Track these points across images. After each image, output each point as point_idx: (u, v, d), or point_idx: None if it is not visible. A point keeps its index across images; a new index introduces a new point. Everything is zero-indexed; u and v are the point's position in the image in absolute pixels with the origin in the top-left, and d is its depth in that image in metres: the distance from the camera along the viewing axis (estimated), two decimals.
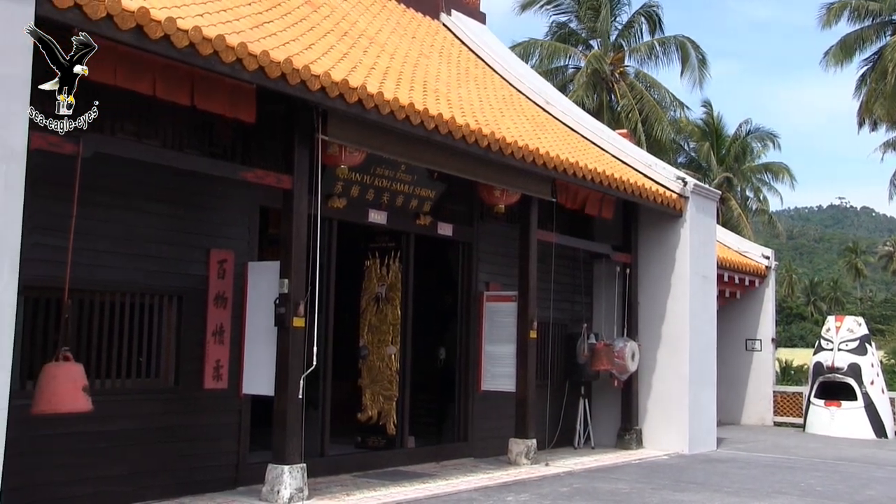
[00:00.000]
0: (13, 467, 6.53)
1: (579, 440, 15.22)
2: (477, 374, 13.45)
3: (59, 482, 8.18)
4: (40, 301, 8.17)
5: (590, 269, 16.31)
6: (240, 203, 10.07)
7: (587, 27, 35.17)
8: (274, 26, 10.12)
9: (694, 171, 38.10)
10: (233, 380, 9.83)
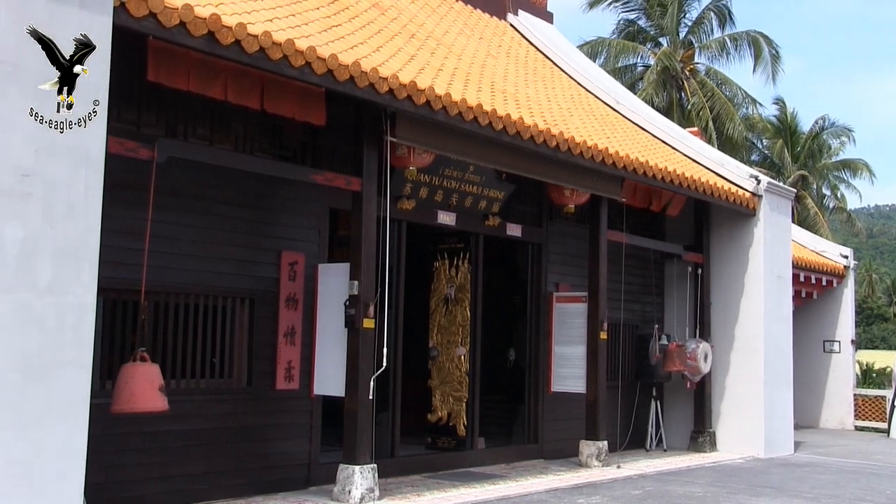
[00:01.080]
0: (95, 464, 6.69)
1: (651, 442, 15.04)
2: (547, 375, 13.38)
3: (137, 479, 8.36)
4: (118, 303, 8.36)
5: (660, 269, 16.11)
6: (310, 205, 10.18)
7: (656, 24, 34.79)
8: (342, 29, 10.21)
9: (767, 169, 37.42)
10: (304, 380, 9.94)
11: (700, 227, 15.50)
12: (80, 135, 6.34)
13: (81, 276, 6.34)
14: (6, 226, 5.94)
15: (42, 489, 6.04)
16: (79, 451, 6.28)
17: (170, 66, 7.65)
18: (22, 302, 6.01)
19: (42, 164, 6.13)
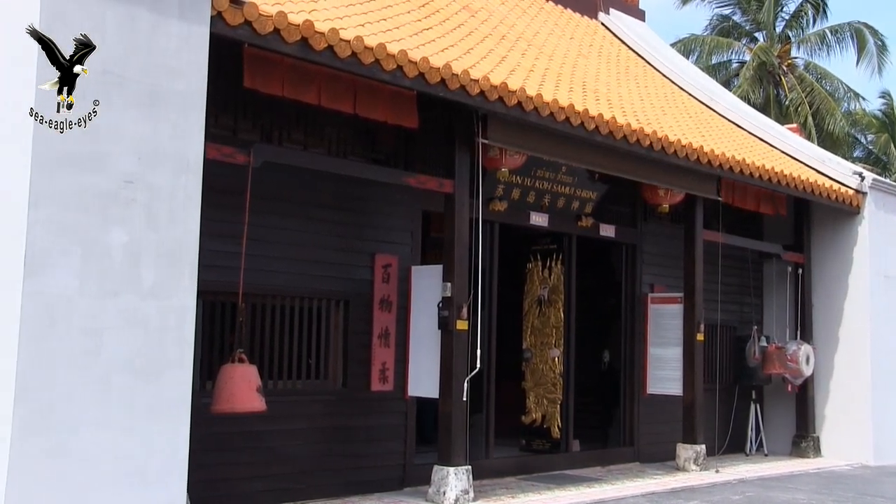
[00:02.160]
0: (197, 462, 6.86)
1: (751, 447, 14.69)
2: (642, 377, 13.20)
3: (236, 478, 8.54)
4: (216, 305, 8.56)
5: (759, 269, 15.72)
6: (402, 208, 10.25)
7: (752, 19, 33.99)
8: (433, 33, 10.27)
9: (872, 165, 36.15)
10: (398, 382, 10.01)
11: (800, 226, 15.08)
12: (180, 141, 6.52)
13: (182, 279, 6.52)
14: (112, 231, 6.14)
15: (149, 485, 6.23)
16: (182, 449, 6.46)
17: (265, 73, 7.81)
18: (127, 304, 6.21)
19: (145, 170, 6.32)
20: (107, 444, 6.05)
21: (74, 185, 5.98)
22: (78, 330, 5.97)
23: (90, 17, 6.08)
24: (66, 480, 5.87)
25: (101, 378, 6.05)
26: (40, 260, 5.82)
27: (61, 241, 5.92)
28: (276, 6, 7.53)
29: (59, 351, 5.87)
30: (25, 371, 5.73)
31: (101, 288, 6.09)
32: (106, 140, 6.13)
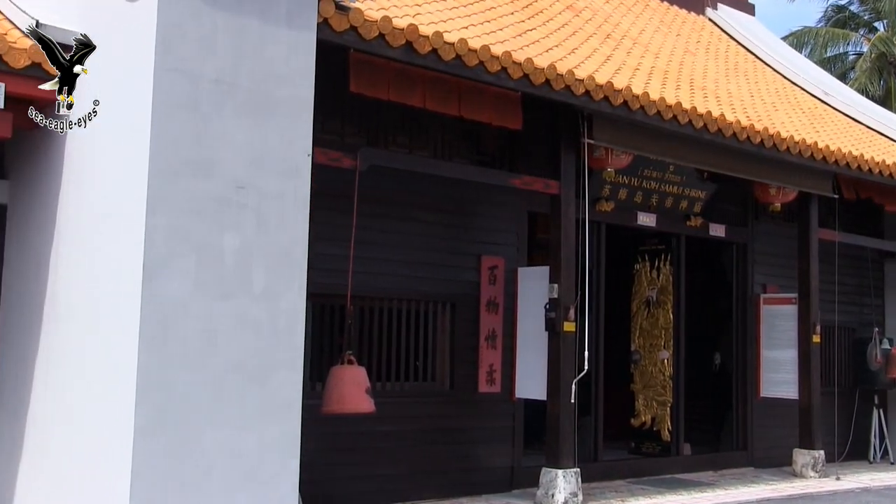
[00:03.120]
0: (308, 462, 6.97)
1: (875, 454, 14.11)
2: (755, 379, 12.84)
3: (346, 477, 8.66)
4: (325, 307, 8.70)
5: (879, 268, 15.12)
6: (508, 209, 10.23)
7: (870, 8, 32.75)
8: (536, 33, 10.23)
9: None
10: (506, 384, 9.99)
11: None
12: (289, 147, 6.64)
13: (292, 282, 6.63)
14: (225, 235, 6.30)
15: (262, 484, 6.36)
16: (293, 449, 6.57)
17: (371, 77, 7.90)
18: (239, 307, 6.35)
19: (255, 176, 6.46)
20: (221, 443, 6.20)
21: (189, 192, 6.15)
22: (193, 332, 6.14)
23: (203, 27, 6.25)
24: (185, 478, 6.04)
25: (216, 379, 6.21)
26: (158, 264, 6.00)
27: (177, 246, 6.09)
28: (380, 11, 7.62)
29: (175, 353, 6.05)
30: (145, 372, 5.92)
31: (215, 291, 6.24)
32: (218, 147, 6.29)
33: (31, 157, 7.52)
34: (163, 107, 6.05)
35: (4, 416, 7.41)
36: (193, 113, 6.16)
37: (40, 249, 7.19)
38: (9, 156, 7.79)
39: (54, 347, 6.90)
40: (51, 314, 6.98)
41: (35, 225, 7.32)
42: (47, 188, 7.21)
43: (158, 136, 6.02)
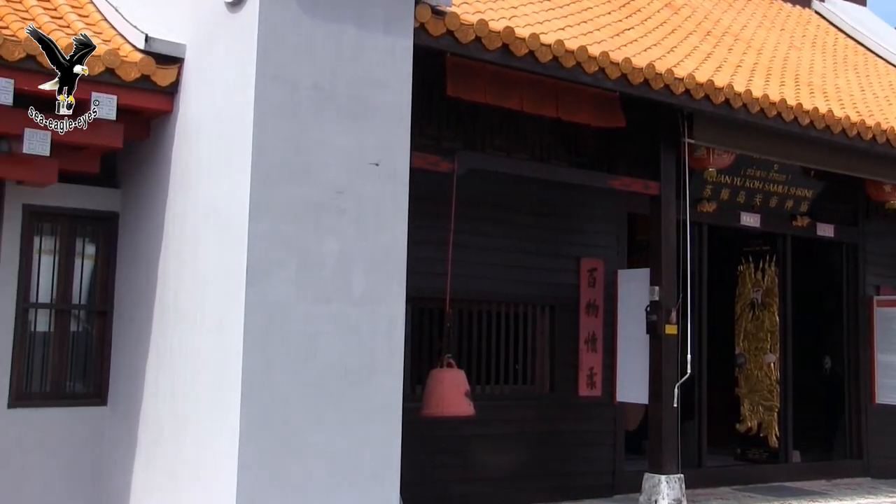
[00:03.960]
0: (408, 464, 7.03)
1: None
2: (870, 385, 12.35)
3: (446, 480, 8.69)
4: (424, 311, 8.76)
5: None
6: (607, 211, 10.13)
7: None
8: (634, 32, 10.10)
9: None
10: (606, 387, 9.89)
11: None
12: (387, 151, 6.71)
13: (391, 286, 6.69)
14: (324, 240, 6.40)
15: (363, 485, 6.43)
16: (394, 451, 6.63)
17: (467, 81, 7.93)
18: (339, 311, 6.44)
19: (354, 181, 6.54)
20: (323, 444, 6.29)
21: (289, 197, 6.27)
22: (294, 336, 6.25)
23: (302, 35, 6.37)
24: (288, 478, 6.16)
25: (317, 381, 6.31)
26: (260, 269, 6.14)
27: (279, 251, 6.22)
28: (476, 14, 7.64)
29: (278, 356, 6.17)
30: (249, 375, 6.06)
31: (316, 295, 6.35)
32: (317, 152, 6.39)
33: (140, 167, 7.79)
34: (264, 114, 6.18)
35: (119, 415, 7.69)
36: (293, 119, 6.29)
37: (150, 256, 7.44)
38: (120, 166, 8.09)
39: (163, 350, 7.12)
40: (160, 318, 7.22)
41: (145, 232, 7.58)
42: (156, 196, 7.46)
43: (260, 142, 6.16)
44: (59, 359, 7.75)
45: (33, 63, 6.59)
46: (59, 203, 7.71)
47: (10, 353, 7.45)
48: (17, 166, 7.04)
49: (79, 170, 7.47)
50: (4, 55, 6.49)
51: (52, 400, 7.65)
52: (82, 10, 7.84)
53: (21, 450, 7.41)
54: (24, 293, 7.56)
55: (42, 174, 7.15)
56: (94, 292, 7.95)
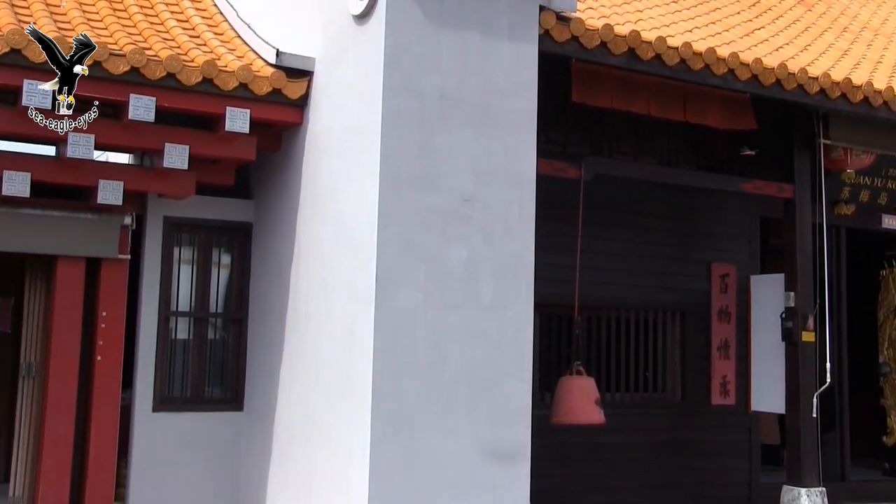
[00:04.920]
0: (537, 472, 7.00)
1: None
2: None
3: (576, 488, 8.61)
4: (553, 317, 8.71)
5: None
6: (738, 215, 9.88)
7: None
8: (765, 32, 9.81)
9: None
10: (740, 396, 9.62)
11: None
12: (513, 158, 6.71)
13: (519, 292, 6.68)
14: (452, 247, 6.44)
15: (492, 492, 6.43)
16: (523, 459, 6.60)
17: (593, 86, 7.86)
18: (468, 317, 6.47)
19: (480, 188, 6.57)
20: (452, 451, 6.32)
21: (417, 205, 6.34)
22: (423, 342, 6.31)
23: (427, 45, 6.44)
24: (418, 483, 6.21)
25: (445, 388, 6.35)
26: (389, 276, 6.22)
27: (407, 259, 6.29)
28: (601, 19, 7.57)
29: (407, 362, 6.24)
30: (379, 381, 6.15)
31: (444, 302, 6.39)
32: (444, 160, 6.45)
33: (272, 178, 8.02)
34: (391, 123, 6.28)
35: (255, 419, 7.92)
36: (420, 128, 6.36)
37: (282, 264, 7.65)
38: (253, 177, 8.35)
39: (295, 356, 7.30)
40: (292, 325, 7.40)
41: (277, 241, 7.80)
42: (287, 206, 7.66)
43: (387, 151, 6.25)
44: (197, 365, 8.04)
45: (173, 81, 6.89)
46: (196, 214, 8.01)
47: (154, 360, 7.78)
48: (158, 180, 7.37)
49: (214, 182, 7.75)
50: (147, 74, 6.79)
51: (193, 405, 7.94)
52: (217, 28, 8.15)
53: (165, 451, 7.72)
54: (165, 302, 7.89)
55: (181, 187, 7.45)
56: (230, 300, 8.23)
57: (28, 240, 7.25)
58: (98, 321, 7.47)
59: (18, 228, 7.18)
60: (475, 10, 6.62)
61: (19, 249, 7.39)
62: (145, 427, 7.70)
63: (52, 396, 7.29)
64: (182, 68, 6.92)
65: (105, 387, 7.44)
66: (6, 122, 6.70)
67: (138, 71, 6.78)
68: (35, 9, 7.21)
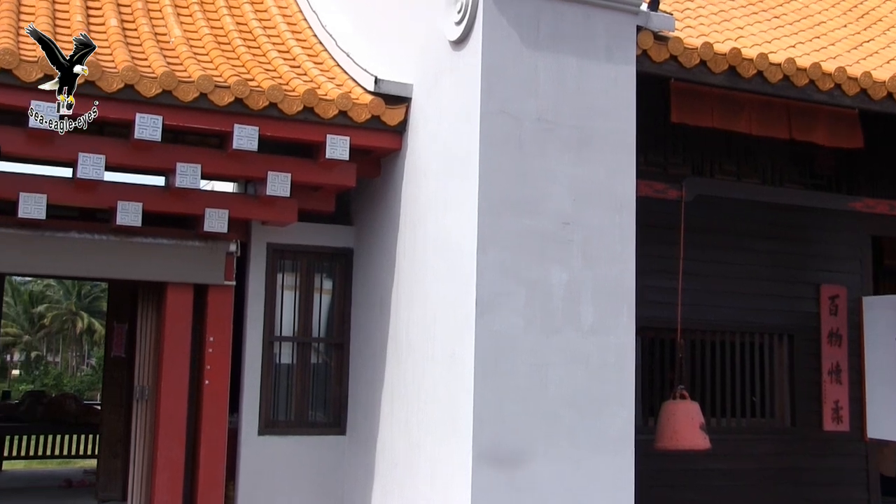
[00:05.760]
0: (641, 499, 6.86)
1: None
2: None
3: None
4: (655, 341, 8.57)
5: None
6: (848, 234, 9.57)
7: None
8: (875, 44, 9.50)
9: None
10: (855, 422, 9.29)
11: None
12: (612, 180, 6.65)
13: (620, 316, 6.60)
14: (552, 270, 6.40)
15: None
16: (627, 484, 6.49)
17: (692, 105, 7.73)
18: (568, 341, 6.41)
19: (579, 211, 6.52)
20: (554, 476, 6.26)
21: (516, 229, 6.33)
22: (524, 366, 6.27)
23: (524, 69, 6.45)
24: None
25: (547, 413, 6.29)
26: (489, 300, 6.22)
27: (507, 283, 6.28)
28: (700, 37, 7.46)
29: (508, 387, 6.21)
30: (480, 405, 6.13)
31: (544, 326, 6.36)
32: (542, 183, 6.43)
33: (372, 204, 8.12)
34: (489, 147, 6.30)
35: (358, 443, 8.00)
36: (517, 152, 6.36)
37: (382, 290, 7.73)
38: (353, 203, 8.47)
39: (397, 381, 7.35)
40: (393, 349, 7.46)
41: (377, 266, 7.89)
42: (387, 231, 7.75)
43: (486, 175, 6.27)
44: (301, 389, 8.17)
45: (275, 111, 7.06)
46: (298, 241, 8.17)
47: (259, 384, 7.94)
48: (262, 207, 7.54)
49: (316, 209, 7.89)
50: (250, 105, 6.98)
51: (297, 428, 8.07)
52: (317, 57, 8.32)
53: (271, 473, 7.86)
54: (269, 327, 8.05)
55: (284, 214, 7.61)
56: (332, 325, 8.35)
57: (140, 267, 7.51)
58: (205, 346, 7.68)
59: (131, 256, 7.44)
60: (571, 32, 6.61)
61: (132, 277, 7.67)
62: (252, 450, 7.85)
63: (163, 419, 7.51)
64: (284, 98, 7.09)
65: (213, 410, 7.63)
66: (120, 154, 6.95)
67: (242, 101, 6.97)
68: (147, 46, 7.49)
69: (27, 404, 13.25)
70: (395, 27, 7.99)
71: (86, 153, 6.78)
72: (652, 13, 6.99)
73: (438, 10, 6.97)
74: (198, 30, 8.26)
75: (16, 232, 7.16)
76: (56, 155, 6.89)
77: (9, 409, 13.41)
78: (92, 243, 7.36)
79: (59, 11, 7.83)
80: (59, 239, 7.30)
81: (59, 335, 44.33)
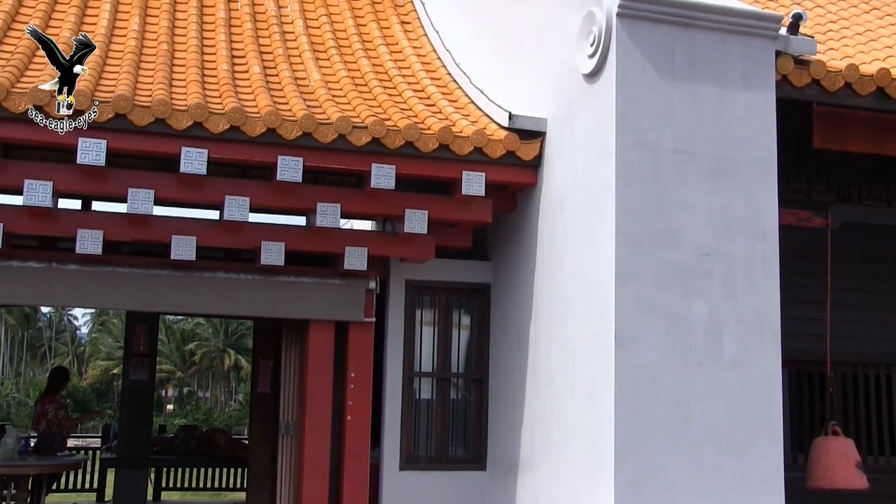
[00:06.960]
0: None
1: None
2: None
3: None
4: (803, 374, 8.25)
5: None
6: None
7: None
8: None
9: None
10: None
11: None
12: (754, 209, 6.49)
13: (764, 348, 6.41)
14: (693, 303, 6.28)
15: None
16: None
17: (836, 130, 7.46)
18: (710, 375, 6.26)
19: (720, 241, 6.39)
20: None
21: (654, 261, 6.24)
22: (665, 401, 6.15)
23: (659, 99, 6.38)
24: None
25: (691, 448, 6.14)
26: (628, 334, 6.14)
27: (646, 316, 6.19)
28: (844, 59, 7.22)
29: (649, 422, 6.10)
30: (622, 441, 6.04)
31: (685, 359, 6.22)
32: (680, 215, 6.33)
33: (508, 239, 8.15)
34: (626, 179, 6.25)
35: (498, 479, 7.98)
36: (655, 183, 6.29)
37: (520, 324, 7.72)
38: (490, 238, 8.52)
39: (536, 416, 7.31)
40: (532, 384, 7.43)
41: (515, 301, 7.89)
42: (524, 266, 7.75)
43: (623, 207, 6.22)
44: (441, 425, 8.22)
45: (412, 149, 7.20)
46: (436, 277, 8.26)
47: (400, 419, 8.03)
48: (400, 244, 7.67)
49: (453, 245, 7.97)
50: (387, 144, 7.13)
51: (437, 463, 8.11)
52: (451, 95, 8.45)
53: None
54: (408, 363, 8.15)
55: (421, 251, 7.71)
56: (471, 361, 8.38)
57: (283, 305, 7.73)
58: (347, 382, 7.82)
59: (275, 295, 7.67)
60: (708, 60, 6.52)
61: (276, 314, 7.91)
62: (393, 485, 7.93)
63: (307, 454, 7.68)
64: (420, 136, 7.21)
65: (355, 445, 7.75)
66: (263, 196, 7.21)
67: (379, 141, 7.13)
68: (287, 90, 7.77)
69: (181, 438, 13.79)
70: (528, 62, 8.04)
71: (231, 195, 7.05)
72: (792, 37, 6.82)
73: (571, 44, 6.98)
74: (335, 72, 8.51)
75: (168, 273, 7.49)
76: (204, 198, 7.20)
77: (165, 443, 13.98)
78: (238, 283, 7.63)
79: (208, 62, 8.22)
80: (208, 279, 7.60)
81: (208, 371, 46.14)
